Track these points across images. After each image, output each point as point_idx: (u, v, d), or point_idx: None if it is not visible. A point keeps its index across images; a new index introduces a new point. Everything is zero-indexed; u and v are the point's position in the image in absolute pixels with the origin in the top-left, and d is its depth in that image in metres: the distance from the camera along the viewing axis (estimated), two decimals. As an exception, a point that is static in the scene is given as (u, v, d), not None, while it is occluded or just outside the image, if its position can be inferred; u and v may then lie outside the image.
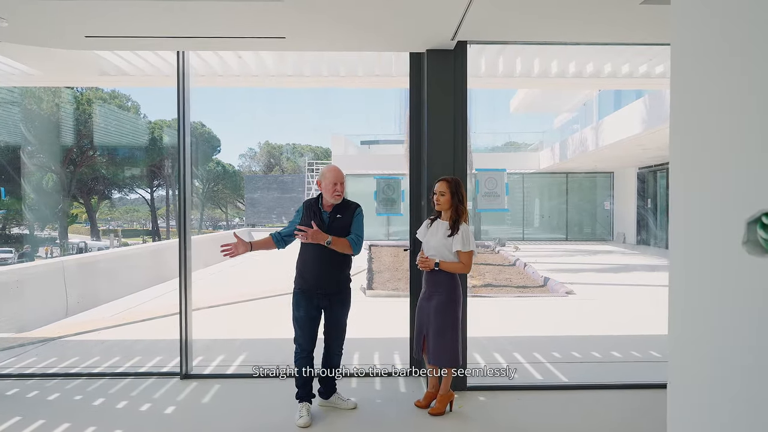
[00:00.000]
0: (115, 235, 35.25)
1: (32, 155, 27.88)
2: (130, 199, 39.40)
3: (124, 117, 29.83)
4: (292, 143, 47.03)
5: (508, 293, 9.03)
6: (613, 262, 13.60)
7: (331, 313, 3.51)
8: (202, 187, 39.38)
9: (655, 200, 17.18)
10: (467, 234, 3.39)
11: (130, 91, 30.05)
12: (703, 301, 1.13)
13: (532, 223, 21.73)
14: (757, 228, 0.94)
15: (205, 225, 41.81)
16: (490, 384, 4.11)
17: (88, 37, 3.59)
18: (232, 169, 41.89)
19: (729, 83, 1.03)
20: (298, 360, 3.44)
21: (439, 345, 3.40)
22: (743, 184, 0.99)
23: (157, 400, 3.79)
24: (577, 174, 20.76)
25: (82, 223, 36.59)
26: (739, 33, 1.01)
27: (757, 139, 0.96)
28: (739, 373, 1.01)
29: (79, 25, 3.43)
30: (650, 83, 6.15)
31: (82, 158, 29.25)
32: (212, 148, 38.88)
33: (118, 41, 3.77)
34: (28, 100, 25.05)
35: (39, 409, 3.64)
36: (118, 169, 31.59)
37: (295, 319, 3.44)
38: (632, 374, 4.42)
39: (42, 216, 29.69)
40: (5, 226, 28.17)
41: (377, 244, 18.25)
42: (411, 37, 3.74)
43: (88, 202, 33.81)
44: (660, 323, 6.45)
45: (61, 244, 29.50)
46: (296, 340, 3.45)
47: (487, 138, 33.08)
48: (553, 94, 18.55)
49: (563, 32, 3.82)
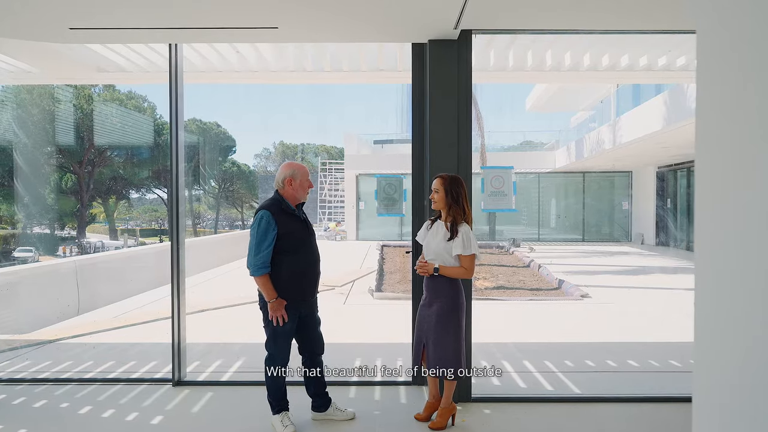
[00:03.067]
0: (129, 235, 35.61)
1: (51, 155, 28.31)
2: (148, 199, 39.79)
3: (141, 119, 30.06)
4: (305, 143, 47.08)
5: (521, 296, 8.73)
6: (631, 264, 13.18)
7: (311, 318, 3.31)
8: (218, 187, 39.61)
9: (675, 200, 16.69)
10: (468, 236, 3.14)
11: (132, 88, 30.25)
12: (732, 308, 0.93)
13: (548, 223, 21.32)
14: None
15: (222, 225, 42.04)
16: (496, 395, 3.87)
17: (72, 29, 3.44)
18: (247, 169, 42.06)
19: (762, 73, 0.82)
20: (276, 377, 3.19)
21: (440, 355, 3.17)
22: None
23: (145, 408, 3.63)
24: (594, 173, 20.31)
25: (101, 223, 37.12)
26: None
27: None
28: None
29: (62, 16, 3.28)
30: (670, 76, 5.83)
31: (100, 159, 29.59)
32: (228, 148, 39.08)
33: (106, 33, 3.61)
34: (46, 101, 25.40)
35: (23, 416, 3.50)
36: (135, 170, 31.89)
37: (282, 333, 3.16)
38: (651, 385, 4.13)
39: (62, 216, 30.15)
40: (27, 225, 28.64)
41: (389, 245, 18.05)
42: (411, 27, 3.52)
43: (106, 202, 34.25)
44: (682, 330, 6.12)
45: (79, 244, 29.93)
46: (275, 357, 3.18)
47: (503, 137, 32.67)
48: (569, 93, 18.16)
49: (576, 19, 3.55)
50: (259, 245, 3.04)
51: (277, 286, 3.10)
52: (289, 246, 3.11)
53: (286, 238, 3.10)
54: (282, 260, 3.11)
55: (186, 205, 4.33)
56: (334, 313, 7.18)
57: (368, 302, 7.99)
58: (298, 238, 3.16)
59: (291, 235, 3.12)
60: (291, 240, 3.12)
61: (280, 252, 3.10)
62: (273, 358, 3.19)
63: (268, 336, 3.20)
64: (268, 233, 3.05)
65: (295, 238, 3.14)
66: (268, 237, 3.05)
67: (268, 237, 3.05)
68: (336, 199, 25.16)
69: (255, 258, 3.05)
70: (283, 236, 3.09)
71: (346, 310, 7.39)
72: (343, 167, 23.91)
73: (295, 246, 3.14)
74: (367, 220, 21.92)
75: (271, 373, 3.18)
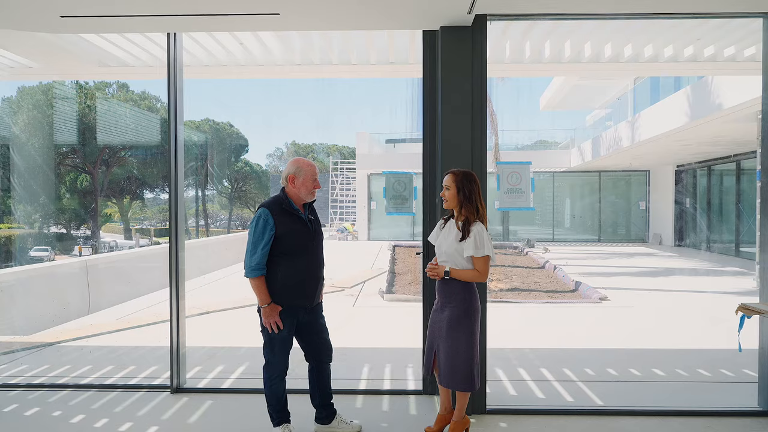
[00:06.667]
0: (143, 235, 35.86)
1: (66, 155, 28.56)
2: (162, 199, 40.05)
3: (154, 119, 30.18)
4: (317, 143, 47.08)
5: (537, 298, 8.44)
6: (650, 265, 12.78)
7: (315, 324, 3.08)
8: (231, 187, 39.76)
9: (694, 200, 16.22)
10: (481, 236, 2.89)
11: (145, 89, 30.43)
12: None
13: (563, 223, 20.92)
14: None
15: (234, 225, 42.19)
16: (513, 407, 3.62)
17: (63, 17, 3.26)
18: (260, 169, 42.15)
19: None
20: (275, 385, 2.99)
21: (452, 365, 2.93)
22: None
23: (140, 418, 3.44)
24: (610, 172, 19.88)
25: (116, 222, 37.44)
26: None
27: None
28: None
29: (51, 3, 3.10)
30: (700, 68, 5.49)
31: (114, 159, 29.79)
32: (241, 147, 39.17)
33: (99, 22, 3.42)
34: (60, 102, 25.61)
35: (13, 425, 3.33)
36: (149, 170, 32.05)
37: (279, 341, 2.94)
38: (677, 397, 3.84)
39: (77, 215, 30.42)
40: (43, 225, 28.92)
41: (401, 245, 17.82)
42: (421, 11, 3.27)
43: (120, 201, 34.52)
44: (709, 336, 5.80)
45: (94, 243, 30.17)
46: (272, 365, 2.97)
47: (516, 136, 32.25)
48: (584, 91, 17.77)
49: (600, 1, 3.28)
50: (255, 245, 2.84)
51: (271, 290, 2.89)
52: (288, 248, 2.89)
53: (284, 239, 2.87)
54: (279, 262, 2.89)
55: (200, 205, 4.13)
56: (344, 315, 6.97)
57: (378, 304, 7.76)
58: (298, 239, 2.92)
59: (290, 237, 2.89)
60: (290, 241, 2.89)
61: (278, 254, 2.88)
62: (270, 366, 2.98)
63: (265, 342, 2.99)
64: (265, 233, 2.84)
65: (294, 240, 2.91)
66: (264, 237, 2.84)
67: (264, 237, 2.84)
68: (347, 199, 24.99)
69: (250, 259, 2.85)
70: (282, 237, 2.87)
71: (355, 312, 7.18)
72: (354, 167, 23.73)
73: (294, 248, 2.91)
74: (378, 220, 21.72)
75: (269, 381, 2.97)
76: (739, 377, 4.22)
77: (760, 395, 3.57)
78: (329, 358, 3.16)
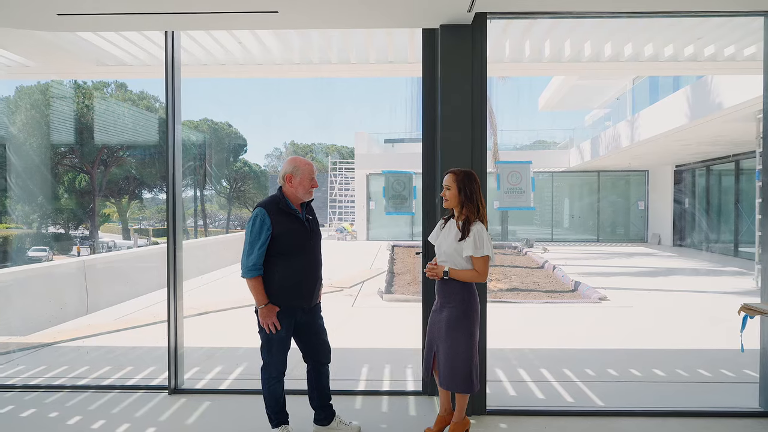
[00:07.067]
0: (141, 235, 35.78)
1: (64, 155, 28.50)
2: (161, 199, 40.00)
3: (152, 118, 30.13)
4: (316, 143, 47.07)
5: (536, 298, 8.43)
6: (650, 265, 12.77)
7: (313, 324, 3.06)
8: (230, 187, 39.69)
9: (693, 200, 16.22)
10: (481, 236, 2.87)
11: (144, 89, 30.40)
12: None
13: (562, 223, 20.91)
14: None
15: (233, 225, 42.13)
16: (513, 407, 3.60)
17: (60, 15, 3.23)
18: (258, 169, 42.10)
19: None
20: (273, 386, 2.96)
21: (451, 366, 2.90)
22: None
23: (137, 419, 3.41)
24: (609, 172, 19.88)
25: (115, 222, 37.38)
26: None
27: None
28: None
29: (48, 1, 3.07)
30: (699, 67, 5.47)
31: (112, 159, 29.73)
32: (239, 147, 39.11)
33: (96, 19, 3.39)
34: (59, 101, 25.55)
35: (9, 427, 3.30)
36: (146, 170, 31.98)
37: (277, 341, 2.91)
38: (678, 397, 3.82)
39: (75, 215, 30.37)
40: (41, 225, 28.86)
41: (400, 245, 17.79)
42: (421, 9, 3.25)
43: (119, 201, 34.45)
44: (709, 336, 5.78)
45: (92, 243, 30.10)
46: (269, 365, 2.95)
47: (515, 136, 32.25)
48: (583, 91, 17.76)
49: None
50: (252, 245, 2.81)
51: (269, 290, 2.86)
52: (285, 248, 2.86)
53: (281, 239, 2.85)
54: (276, 263, 2.86)
55: (199, 205, 4.11)
56: (342, 315, 6.94)
57: (377, 304, 7.74)
58: (295, 239, 2.90)
59: (287, 236, 2.86)
60: (287, 241, 2.86)
61: (275, 254, 2.86)
62: (267, 367, 2.96)
63: (262, 342, 2.96)
64: (262, 233, 2.81)
65: (292, 240, 2.88)
66: (261, 237, 2.81)
67: (261, 237, 2.81)
68: (346, 199, 24.95)
69: (247, 259, 2.82)
70: (279, 237, 2.84)
71: (354, 313, 7.15)
72: (353, 167, 23.69)
73: (291, 248, 2.88)
74: (377, 220, 21.69)
75: (267, 382, 2.95)
76: (739, 377, 4.20)
77: (761, 396, 3.56)
78: (328, 359, 3.14)
